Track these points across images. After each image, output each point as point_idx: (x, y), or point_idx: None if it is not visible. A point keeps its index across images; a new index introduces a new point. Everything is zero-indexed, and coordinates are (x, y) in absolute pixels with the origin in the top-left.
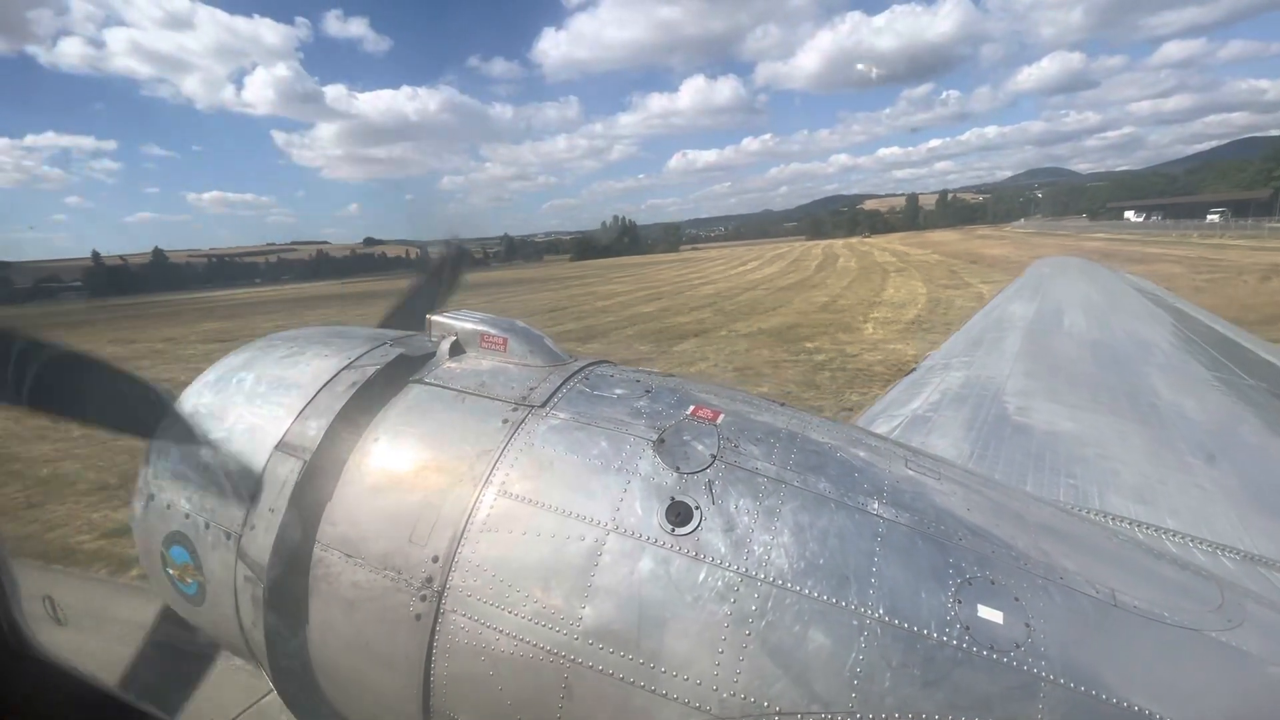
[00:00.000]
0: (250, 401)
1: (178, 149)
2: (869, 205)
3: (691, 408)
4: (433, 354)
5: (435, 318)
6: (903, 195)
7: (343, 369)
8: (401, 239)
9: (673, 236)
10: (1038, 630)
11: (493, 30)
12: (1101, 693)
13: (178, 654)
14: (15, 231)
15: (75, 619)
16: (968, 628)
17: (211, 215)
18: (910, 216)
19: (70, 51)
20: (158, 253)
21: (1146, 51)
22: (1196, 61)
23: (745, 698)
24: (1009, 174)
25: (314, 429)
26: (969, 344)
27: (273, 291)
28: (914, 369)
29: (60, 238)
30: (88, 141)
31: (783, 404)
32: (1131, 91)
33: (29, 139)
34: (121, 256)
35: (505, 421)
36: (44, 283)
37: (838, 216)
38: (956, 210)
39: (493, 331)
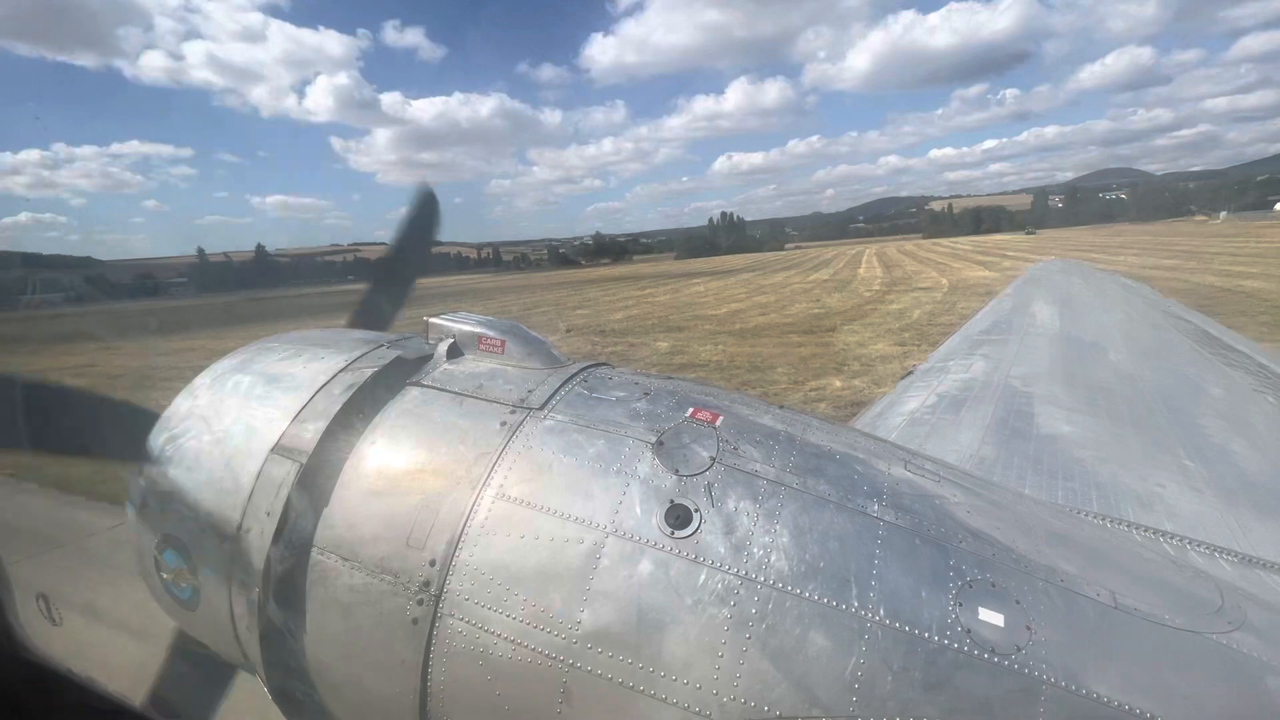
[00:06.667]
0: (246, 403)
1: (245, 155)
2: (935, 206)
3: (690, 410)
4: (430, 356)
5: (433, 320)
6: (967, 196)
7: (340, 371)
8: (452, 240)
9: (779, 235)
10: (1039, 633)
11: (543, 37)
12: (1102, 696)
13: (200, 663)
14: (101, 233)
15: None
16: (969, 631)
17: (273, 218)
18: (1039, 214)
19: (153, 65)
20: (260, 250)
21: (1224, 45)
22: None
23: (745, 701)
24: (1071, 175)
25: (310, 431)
26: (966, 346)
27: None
28: (911, 370)
29: (138, 238)
30: (167, 149)
31: (782, 406)
32: (1207, 88)
33: (114, 146)
34: (225, 253)
35: (503, 424)
36: (143, 279)
37: (960, 215)
38: (1091, 206)
39: (490, 334)
